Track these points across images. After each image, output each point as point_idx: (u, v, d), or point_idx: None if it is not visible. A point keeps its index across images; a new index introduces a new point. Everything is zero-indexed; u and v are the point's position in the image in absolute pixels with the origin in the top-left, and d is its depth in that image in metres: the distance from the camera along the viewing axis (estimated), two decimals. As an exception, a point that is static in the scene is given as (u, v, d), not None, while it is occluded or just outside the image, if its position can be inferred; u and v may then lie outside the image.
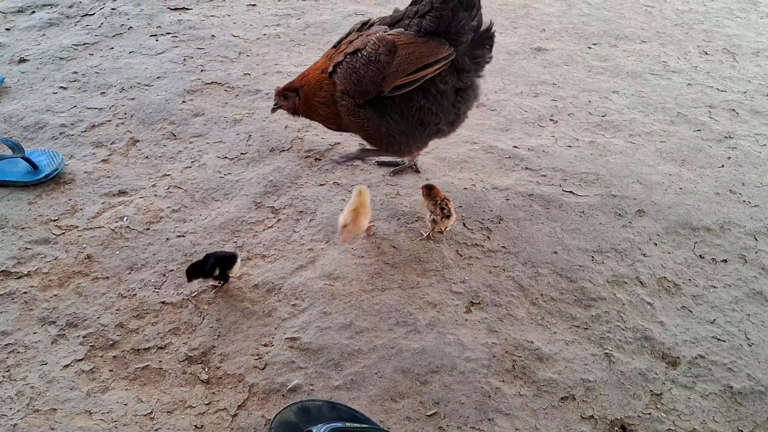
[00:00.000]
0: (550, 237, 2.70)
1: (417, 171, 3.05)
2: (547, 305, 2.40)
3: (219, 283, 2.42)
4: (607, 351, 2.24)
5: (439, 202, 2.56)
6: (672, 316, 2.38)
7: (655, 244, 2.69)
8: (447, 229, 2.63)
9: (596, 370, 2.17)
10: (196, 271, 2.35)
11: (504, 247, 2.64)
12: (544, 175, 3.05)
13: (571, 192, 2.95)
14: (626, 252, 2.64)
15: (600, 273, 2.54)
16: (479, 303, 2.40)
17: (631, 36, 4.52)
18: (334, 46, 2.70)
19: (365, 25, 2.69)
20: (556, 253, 2.62)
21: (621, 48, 4.35)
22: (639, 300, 2.43)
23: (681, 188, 3.00)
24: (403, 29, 2.56)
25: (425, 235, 2.68)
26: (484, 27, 2.60)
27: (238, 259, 2.39)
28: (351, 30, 2.72)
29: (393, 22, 2.63)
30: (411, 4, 2.61)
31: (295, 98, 2.70)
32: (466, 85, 2.65)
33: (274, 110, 2.78)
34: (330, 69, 2.60)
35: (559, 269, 2.55)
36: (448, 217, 2.54)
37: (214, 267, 2.34)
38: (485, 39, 2.62)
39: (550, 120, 3.51)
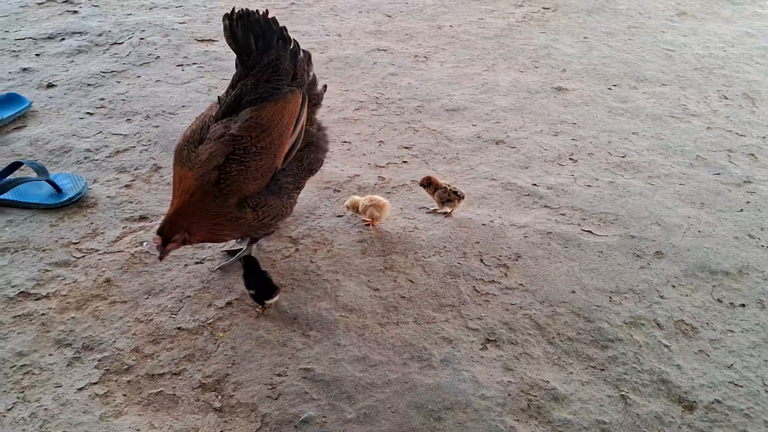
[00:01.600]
0: (568, 276, 2.69)
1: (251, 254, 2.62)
2: (564, 345, 2.39)
3: (250, 294, 2.46)
4: (623, 393, 2.21)
5: (447, 188, 2.89)
6: (689, 359, 2.36)
7: (673, 286, 2.67)
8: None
9: (612, 412, 2.15)
10: (256, 269, 2.44)
11: (521, 284, 2.64)
12: (563, 214, 3.05)
13: (589, 231, 2.95)
14: (644, 294, 2.62)
15: (617, 314, 2.52)
16: (495, 340, 2.39)
17: (652, 79, 4.54)
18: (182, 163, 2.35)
19: (205, 130, 2.38)
20: (573, 292, 2.61)
21: (641, 90, 4.37)
22: (656, 342, 2.41)
23: (700, 231, 2.99)
24: (253, 106, 2.38)
25: (449, 212, 3.02)
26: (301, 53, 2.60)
27: (276, 296, 2.43)
28: (184, 151, 2.36)
29: (229, 109, 2.40)
30: (239, 81, 2.46)
31: (184, 236, 2.33)
32: (317, 102, 2.71)
33: (162, 258, 2.35)
34: (215, 191, 2.28)
35: (576, 309, 2.53)
36: (462, 197, 2.91)
37: (262, 288, 2.42)
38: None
39: (570, 159, 3.52)
